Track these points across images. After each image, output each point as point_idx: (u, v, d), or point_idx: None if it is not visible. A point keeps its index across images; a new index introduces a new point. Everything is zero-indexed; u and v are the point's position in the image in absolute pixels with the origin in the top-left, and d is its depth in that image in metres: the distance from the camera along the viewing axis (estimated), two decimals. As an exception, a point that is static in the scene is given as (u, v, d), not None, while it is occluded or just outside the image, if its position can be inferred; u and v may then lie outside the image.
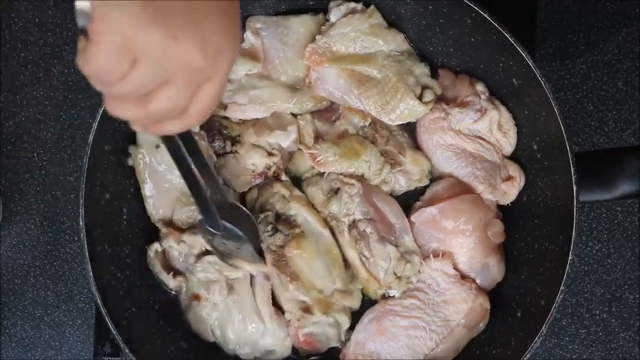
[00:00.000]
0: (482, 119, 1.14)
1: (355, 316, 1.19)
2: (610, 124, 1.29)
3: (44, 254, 1.29)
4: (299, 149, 1.19)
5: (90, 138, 1.06)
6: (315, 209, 1.18)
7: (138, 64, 0.69)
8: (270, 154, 1.18)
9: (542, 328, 1.03)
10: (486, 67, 1.13)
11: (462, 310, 1.14)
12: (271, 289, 1.17)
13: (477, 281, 1.16)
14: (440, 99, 1.17)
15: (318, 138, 1.18)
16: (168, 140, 0.91)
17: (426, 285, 1.17)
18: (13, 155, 1.28)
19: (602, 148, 1.28)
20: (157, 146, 1.14)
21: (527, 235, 1.14)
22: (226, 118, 1.18)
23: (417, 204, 1.19)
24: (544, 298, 1.06)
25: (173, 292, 1.17)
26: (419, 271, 1.17)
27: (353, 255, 1.16)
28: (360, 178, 1.18)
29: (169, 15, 0.68)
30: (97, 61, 0.68)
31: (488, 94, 1.15)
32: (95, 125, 1.06)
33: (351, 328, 1.18)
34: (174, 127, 0.78)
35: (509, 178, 1.15)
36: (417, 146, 1.20)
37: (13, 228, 1.28)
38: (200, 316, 1.16)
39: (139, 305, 1.15)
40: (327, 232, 1.16)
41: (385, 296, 1.19)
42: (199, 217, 1.08)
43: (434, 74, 1.19)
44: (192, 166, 0.95)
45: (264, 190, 1.18)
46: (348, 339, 1.18)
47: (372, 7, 1.16)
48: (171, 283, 1.16)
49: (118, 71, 0.69)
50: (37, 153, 1.28)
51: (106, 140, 1.10)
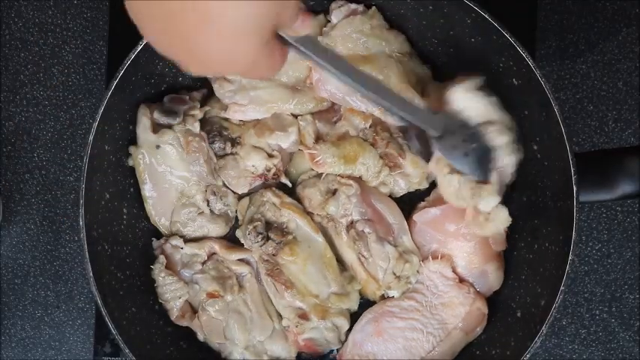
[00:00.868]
0: None
1: (355, 317, 1.19)
2: (610, 124, 1.29)
3: (44, 254, 1.29)
4: (299, 150, 1.19)
5: (90, 138, 1.06)
6: (307, 214, 1.17)
7: None
8: (271, 155, 1.18)
9: (542, 328, 1.03)
10: (486, 68, 1.13)
11: (459, 314, 1.14)
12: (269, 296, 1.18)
13: (475, 287, 1.16)
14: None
15: (318, 139, 1.18)
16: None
17: (424, 287, 1.17)
18: (13, 155, 1.28)
19: (602, 148, 1.28)
20: (158, 146, 1.14)
21: (527, 236, 1.14)
22: (226, 119, 1.18)
23: (421, 204, 1.20)
24: (544, 298, 1.06)
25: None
26: (417, 272, 1.18)
27: (351, 256, 1.16)
28: (358, 179, 1.18)
29: None
30: None
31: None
32: (95, 125, 1.06)
33: (350, 328, 1.18)
34: None
35: None
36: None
37: (13, 228, 1.28)
38: (213, 317, 1.15)
39: (139, 305, 1.15)
40: (319, 237, 1.16)
41: (384, 297, 1.19)
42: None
43: (435, 76, 1.19)
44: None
45: (254, 200, 1.17)
46: (346, 339, 1.18)
47: (374, 8, 1.16)
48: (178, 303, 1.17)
49: None
50: (37, 153, 1.28)
51: (106, 140, 1.10)
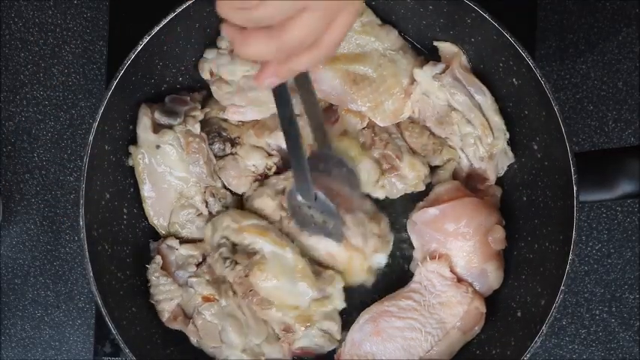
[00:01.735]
0: None
1: (351, 318, 1.19)
2: (610, 124, 1.29)
3: (44, 254, 1.29)
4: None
5: (90, 138, 1.06)
6: (268, 232, 1.16)
7: None
8: (270, 154, 1.18)
9: (542, 328, 1.03)
10: (486, 67, 1.13)
11: (457, 313, 1.14)
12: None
13: (474, 286, 1.16)
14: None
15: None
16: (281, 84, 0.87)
17: (422, 287, 1.17)
18: (13, 155, 1.28)
19: (602, 147, 1.28)
20: (158, 146, 1.14)
21: (528, 235, 1.14)
22: (225, 120, 1.18)
23: (420, 204, 1.19)
24: (544, 298, 1.06)
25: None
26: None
27: (325, 244, 1.16)
28: None
29: None
30: None
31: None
32: (95, 125, 1.06)
33: (347, 327, 1.18)
34: (303, 61, 0.76)
35: None
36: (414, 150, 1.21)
37: (13, 228, 1.28)
38: (209, 321, 1.15)
39: (139, 305, 1.15)
40: (287, 251, 1.15)
41: (373, 268, 1.19)
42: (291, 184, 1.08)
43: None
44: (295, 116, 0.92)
45: (216, 225, 1.17)
46: (344, 338, 1.18)
47: (363, 4, 1.15)
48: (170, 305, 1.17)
49: None
50: (37, 153, 1.28)
51: (106, 140, 1.10)
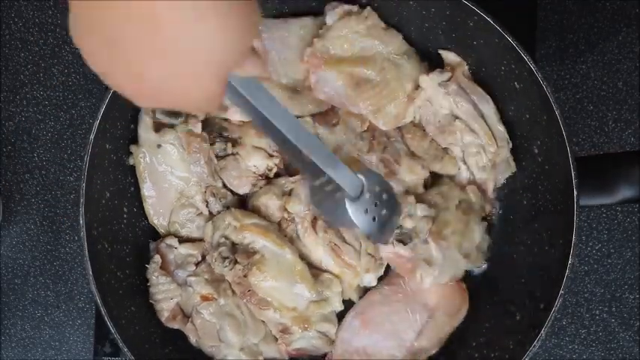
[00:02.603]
0: None
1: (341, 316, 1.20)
2: (610, 124, 1.29)
3: (44, 254, 1.29)
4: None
5: (91, 137, 1.06)
6: (269, 232, 1.16)
7: None
8: (271, 155, 1.18)
9: (542, 331, 1.03)
10: (488, 71, 1.13)
11: (438, 291, 1.15)
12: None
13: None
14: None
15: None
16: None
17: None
18: (13, 155, 1.28)
19: (602, 148, 1.28)
20: (159, 146, 1.14)
21: (527, 239, 1.14)
22: (226, 119, 1.18)
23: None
24: (543, 301, 1.06)
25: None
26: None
27: (322, 252, 1.16)
28: None
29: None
30: None
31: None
32: (96, 124, 1.06)
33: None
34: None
35: None
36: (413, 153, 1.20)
37: (13, 228, 1.28)
38: (207, 320, 1.16)
39: (138, 305, 1.15)
40: (286, 251, 1.15)
41: (360, 286, 1.19)
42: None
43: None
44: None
45: (217, 224, 1.17)
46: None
47: (368, 8, 1.15)
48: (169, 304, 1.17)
49: None
50: (37, 153, 1.28)
51: (107, 139, 1.10)
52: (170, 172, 1.16)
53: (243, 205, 1.20)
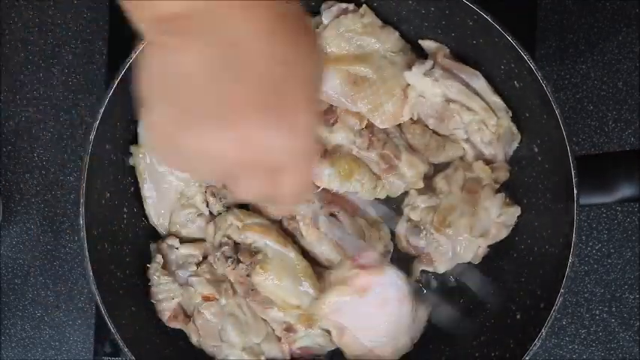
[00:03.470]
0: None
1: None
2: (610, 124, 1.29)
3: (44, 254, 1.29)
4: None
5: (91, 137, 1.06)
6: (271, 231, 1.16)
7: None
8: (271, 154, 1.18)
9: (542, 331, 1.03)
10: (488, 70, 1.13)
11: None
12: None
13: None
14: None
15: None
16: None
17: None
18: (13, 155, 1.28)
19: (602, 147, 1.28)
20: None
21: (527, 238, 1.14)
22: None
23: None
24: (543, 300, 1.06)
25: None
26: (392, 240, 1.20)
27: (325, 248, 1.16)
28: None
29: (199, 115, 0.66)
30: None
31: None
32: (96, 124, 1.05)
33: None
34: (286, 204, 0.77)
35: None
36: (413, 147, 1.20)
37: (13, 228, 1.28)
38: (209, 320, 1.16)
39: (138, 305, 1.15)
40: (289, 250, 1.15)
41: None
42: None
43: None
44: None
45: (219, 223, 1.17)
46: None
47: (364, 6, 1.15)
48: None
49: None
50: (37, 153, 1.28)
51: (107, 139, 1.10)
52: (170, 172, 1.16)
53: (243, 205, 1.20)
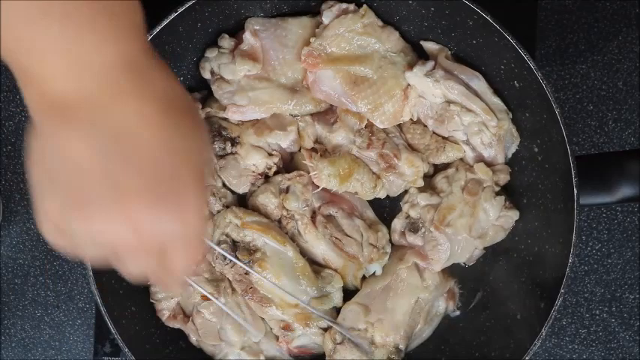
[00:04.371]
0: None
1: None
2: (610, 124, 1.29)
3: (44, 254, 1.29)
4: (299, 151, 1.20)
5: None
6: (270, 229, 1.16)
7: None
8: (271, 154, 1.18)
9: (542, 330, 1.04)
10: (488, 70, 1.13)
11: None
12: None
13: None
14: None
15: (316, 142, 1.19)
16: None
17: None
18: (13, 155, 1.28)
19: (602, 148, 1.28)
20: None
21: (527, 238, 1.14)
22: (225, 119, 1.18)
23: None
24: (544, 300, 1.06)
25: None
26: (390, 242, 1.20)
27: (324, 246, 1.17)
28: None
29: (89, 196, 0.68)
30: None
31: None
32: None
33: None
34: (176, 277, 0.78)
35: None
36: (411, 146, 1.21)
37: (13, 228, 1.28)
38: (208, 320, 1.16)
39: (138, 304, 1.15)
40: (287, 248, 1.15)
41: (366, 277, 1.20)
42: None
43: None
44: None
45: (218, 222, 1.17)
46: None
47: (365, 6, 1.15)
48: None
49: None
50: (37, 153, 1.28)
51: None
52: (170, 172, 1.15)
53: (243, 205, 1.20)
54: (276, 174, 1.19)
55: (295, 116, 1.18)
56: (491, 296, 1.18)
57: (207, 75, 1.17)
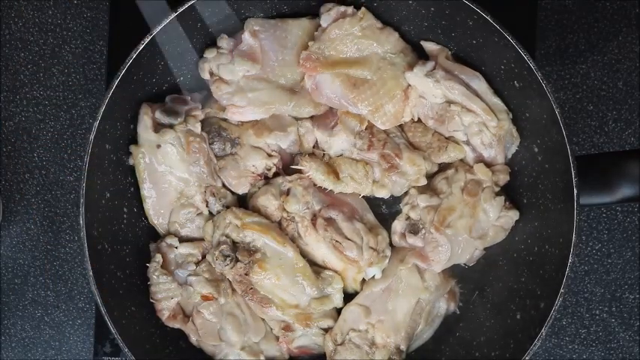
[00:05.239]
0: None
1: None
2: (610, 124, 1.29)
3: (44, 254, 1.29)
4: (299, 154, 1.20)
5: (91, 137, 1.06)
6: (270, 230, 1.16)
7: None
8: (270, 155, 1.18)
9: (542, 330, 1.04)
10: (488, 70, 1.13)
11: None
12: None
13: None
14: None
15: (316, 146, 1.19)
16: None
17: None
18: (13, 155, 1.28)
19: (602, 148, 1.28)
20: (158, 146, 1.14)
21: (527, 238, 1.14)
22: (225, 120, 1.18)
23: None
24: (544, 300, 1.06)
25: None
26: (390, 244, 1.20)
27: (324, 249, 1.17)
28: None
29: None
30: None
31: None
32: (96, 124, 1.06)
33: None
34: None
35: None
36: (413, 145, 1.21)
37: (13, 228, 1.28)
38: (208, 320, 1.16)
39: (138, 305, 1.15)
40: (287, 249, 1.15)
41: (365, 280, 1.20)
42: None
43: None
44: None
45: (218, 223, 1.17)
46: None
47: (363, 9, 1.15)
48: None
49: None
50: (37, 153, 1.28)
51: (107, 139, 1.10)
52: (170, 172, 1.15)
53: (242, 205, 1.20)
54: (276, 175, 1.19)
55: (296, 118, 1.18)
56: (492, 296, 1.18)
57: (206, 75, 1.17)
